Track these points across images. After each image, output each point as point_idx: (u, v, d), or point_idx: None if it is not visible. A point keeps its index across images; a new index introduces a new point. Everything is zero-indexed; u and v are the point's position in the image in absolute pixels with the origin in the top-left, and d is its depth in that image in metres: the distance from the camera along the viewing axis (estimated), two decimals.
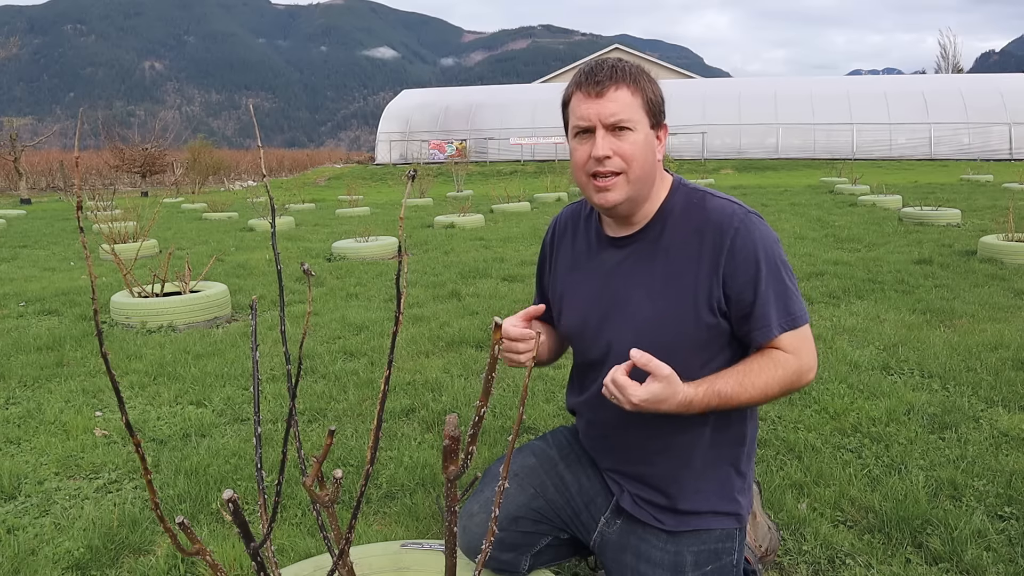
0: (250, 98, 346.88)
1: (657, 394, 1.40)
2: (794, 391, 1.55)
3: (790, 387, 1.52)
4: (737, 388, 1.47)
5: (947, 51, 52.81)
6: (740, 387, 1.47)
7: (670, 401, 1.41)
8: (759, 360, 1.50)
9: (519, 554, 1.71)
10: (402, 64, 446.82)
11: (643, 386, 1.40)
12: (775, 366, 1.49)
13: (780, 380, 1.49)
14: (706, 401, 1.45)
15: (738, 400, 1.47)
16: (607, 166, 1.48)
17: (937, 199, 12.20)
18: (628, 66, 1.51)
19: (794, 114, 30.08)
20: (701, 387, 1.45)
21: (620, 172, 1.49)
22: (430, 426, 3.18)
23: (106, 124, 32.03)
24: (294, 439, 1.27)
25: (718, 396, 1.46)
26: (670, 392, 1.40)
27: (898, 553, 2.10)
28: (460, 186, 19.23)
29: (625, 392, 1.40)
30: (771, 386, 1.49)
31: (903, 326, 4.53)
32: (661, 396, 1.40)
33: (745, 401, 1.48)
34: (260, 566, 1.10)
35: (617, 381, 1.40)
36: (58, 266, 8.46)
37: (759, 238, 1.51)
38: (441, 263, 7.64)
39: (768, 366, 1.49)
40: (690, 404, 1.44)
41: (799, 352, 1.51)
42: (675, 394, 1.41)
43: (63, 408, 3.50)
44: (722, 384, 1.47)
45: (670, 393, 1.41)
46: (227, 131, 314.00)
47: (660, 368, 1.39)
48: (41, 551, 2.26)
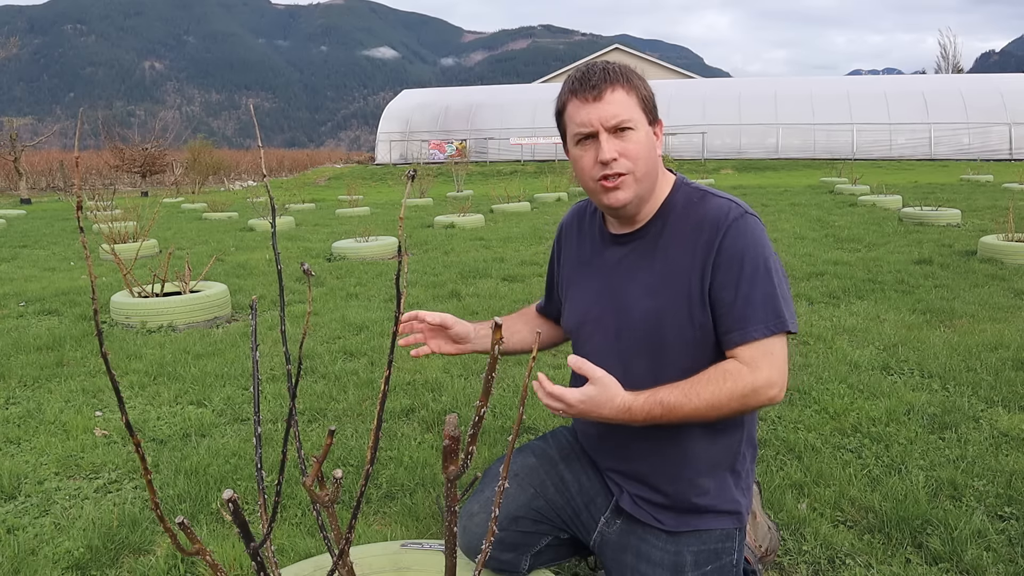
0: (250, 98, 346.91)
1: (593, 397, 1.39)
2: (756, 406, 1.47)
3: (746, 401, 1.44)
4: (681, 398, 1.43)
5: (947, 51, 52.87)
6: (685, 397, 1.43)
7: (608, 406, 1.41)
8: (709, 372, 1.46)
9: (519, 554, 1.71)
10: (402, 64, 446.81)
11: (578, 389, 1.40)
12: (724, 379, 1.44)
13: (729, 393, 1.42)
14: (647, 409, 1.42)
15: (683, 411, 1.43)
16: (614, 168, 1.48)
17: (937, 199, 12.20)
18: (618, 67, 1.52)
19: (794, 114, 30.07)
20: (642, 395, 1.43)
21: (627, 172, 1.49)
22: (430, 426, 3.18)
23: (106, 124, 32.02)
24: (294, 439, 1.27)
25: (660, 405, 1.43)
26: (606, 396, 1.40)
27: (898, 553, 2.10)
28: (460, 186, 19.24)
29: (563, 398, 1.39)
30: (718, 398, 1.42)
31: (903, 326, 4.53)
32: (597, 399, 1.40)
33: (691, 412, 1.43)
34: (260, 566, 1.10)
35: (551, 390, 1.39)
36: (58, 266, 8.46)
37: (749, 238, 1.49)
38: (441, 263, 7.64)
39: (717, 378, 1.44)
40: (629, 410, 1.42)
41: (756, 365, 1.44)
42: (612, 398, 1.40)
43: (63, 408, 3.50)
44: (664, 393, 1.43)
45: (607, 397, 1.40)
46: (227, 131, 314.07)
47: (594, 371, 1.39)
48: (41, 551, 2.26)
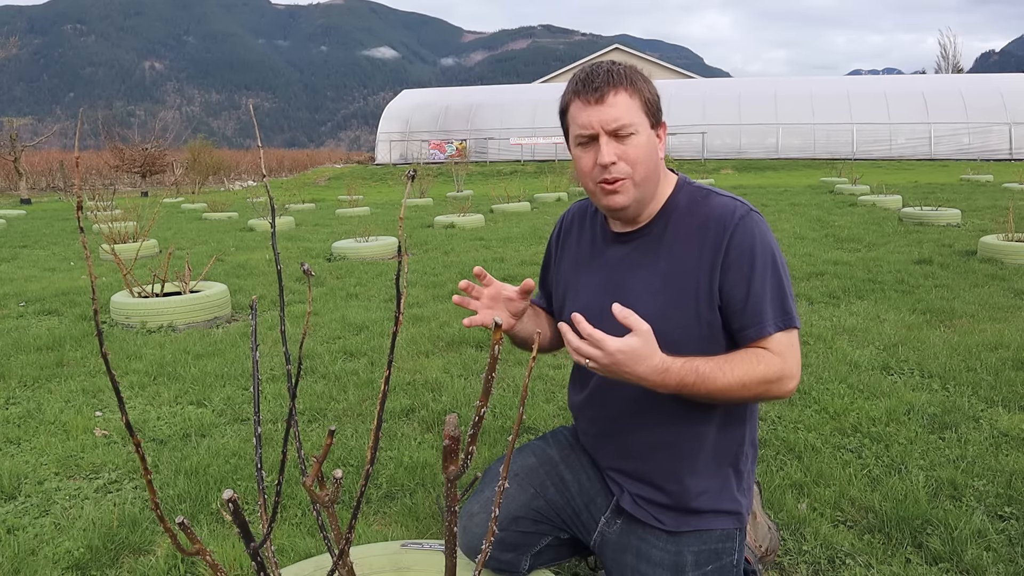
0: (250, 98, 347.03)
1: (635, 348, 1.33)
2: (773, 396, 1.49)
3: (769, 388, 1.46)
4: (716, 371, 1.43)
5: (947, 51, 52.91)
6: (719, 370, 1.43)
7: (647, 362, 1.35)
8: (743, 352, 1.48)
9: (519, 554, 1.71)
10: (402, 64, 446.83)
11: (619, 339, 1.33)
12: (758, 361, 1.46)
13: (760, 375, 1.44)
14: (682, 374, 1.40)
15: (715, 384, 1.43)
16: (613, 172, 1.49)
17: (937, 199, 12.21)
18: (623, 68, 1.50)
19: (794, 114, 30.07)
20: (679, 360, 1.41)
21: (626, 176, 1.49)
22: (430, 426, 3.18)
23: (106, 124, 32.04)
24: (294, 439, 1.27)
25: (695, 372, 1.41)
26: (648, 351, 1.35)
27: (898, 553, 2.10)
28: (460, 186, 19.24)
29: (602, 344, 1.32)
30: (750, 378, 1.44)
31: (903, 326, 4.54)
32: (639, 352, 1.34)
33: (722, 387, 1.43)
34: (260, 566, 1.10)
35: (592, 334, 1.32)
36: (58, 266, 8.46)
37: (757, 235, 1.51)
38: (441, 263, 7.64)
39: (751, 359, 1.46)
40: (667, 371, 1.38)
41: (785, 355, 1.47)
42: (652, 354, 1.36)
43: (63, 408, 3.50)
44: (701, 363, 1.43)
45: (648, 352, 1.35)
46: (227, 131, 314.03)
47: (640, 323, 1.34)
48: (41, 551, 2.26)
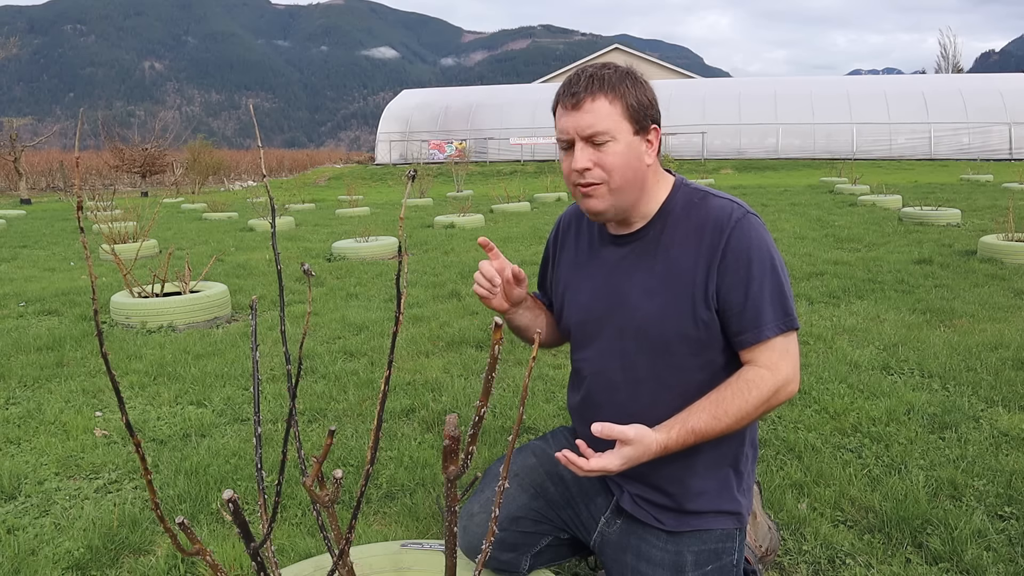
0: (250, 98, 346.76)
1: (632, 457, 1.42)
2: (776, 405, 1.51)
3: (769, 403, 1.48)
4: (712, 421, 1.45)
5: (947, 51, 52.95)
6: (715, 419, 1.45)
7: (645, 456, 1.44)
8: (732, 386, 1.48)
9: (519, 554, 1.71)
10: (402, 64, 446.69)
11: (614, 453, 1.42)
12: (748, 389, 1.46)
13: (756, 402, 1.46)
14: (682, 442, 1.45)
15: (715, 432, 1.46)
16: (587, 178, 1.49)
17: (937, 199, 12.20)
18: (609, 74, 1.48)
19: (794, 114, 30.06)
20: (673, 430, 1.45)
21: (600, 182, 1.49)
22: (430, 426, 3.18)
23: (106, 124, 32.02)
24: (294, 439, 1.27)
25: (693, 434, 1.45)
26: (642, 449, 1.43)
27: (898, 553, 2.10)
28: (460, 186, 19.23)
29: (607, 468, 1.42)
30: (746, 410, 1.46)
31: (903, 326, 4.53)
32: (636, 457, 1.42)
33: (723, 431, 1.47)
34: (260, 566, 1.10)
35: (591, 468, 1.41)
36: (58, 266, 8.46)
37: (754, 237, 1.50)
38: (441, 263, 7.64)
39: (742, 390, 1.46)
40: (666, 450, 1.45)
41: (776, 367, 1.47)
42: (648, 447, 1.43)
43: (63, 408, 3.50)
44: (695, 420, 1.46)
45: (643, 450, 1.43)
46: (227, 131, 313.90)
47: (624, 432, 1.41)
48: (41, 551, 2.26)
